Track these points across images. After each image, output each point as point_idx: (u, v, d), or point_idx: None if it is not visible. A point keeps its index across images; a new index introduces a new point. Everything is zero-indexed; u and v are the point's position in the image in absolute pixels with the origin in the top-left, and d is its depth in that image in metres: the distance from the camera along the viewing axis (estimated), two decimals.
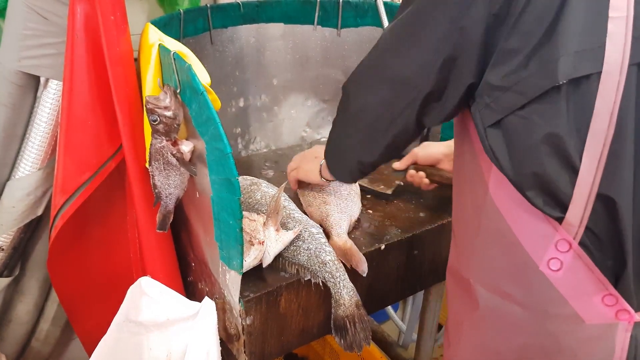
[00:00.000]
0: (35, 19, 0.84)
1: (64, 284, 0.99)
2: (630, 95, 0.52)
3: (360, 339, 0.76)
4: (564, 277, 0.58)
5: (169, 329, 0.80)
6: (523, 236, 0.60)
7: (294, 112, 1.31)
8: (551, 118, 0.54)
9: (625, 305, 0.57)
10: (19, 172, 0.94)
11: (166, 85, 0.74)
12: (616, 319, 0.58)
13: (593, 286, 0.57)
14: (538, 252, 0.59)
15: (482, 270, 0.66)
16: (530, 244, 0.59)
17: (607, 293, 0.57)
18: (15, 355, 1.10)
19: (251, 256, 0.76)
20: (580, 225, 0.55)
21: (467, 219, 0.68)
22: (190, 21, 1.05)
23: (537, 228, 0.58)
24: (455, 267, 0.73)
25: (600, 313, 0.58)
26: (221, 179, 0.67)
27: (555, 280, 0.58)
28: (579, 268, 0.57)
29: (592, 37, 0.51)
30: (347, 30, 1.25)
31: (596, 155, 0.53)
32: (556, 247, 0.57)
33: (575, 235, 0.56)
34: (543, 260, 0.58)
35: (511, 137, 0.57)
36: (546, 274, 0.59)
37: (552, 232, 0.57)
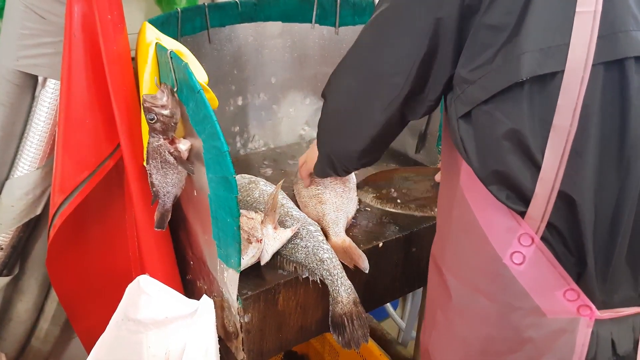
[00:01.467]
0: (33, 18, 0.84)
1: (63, 282, 0.99)
2: (594, 94, 0.51)
3: (358, 337, 0.76)
4: (527, 271, 0.58)
5: (167, 327, 0.81)
6: (489, 229, 0.60)
7: (292, 110, 1.31)
8: (513, 114, 0.54)
9: (586, 301, 0.58)
10: (18, 171, 0.95)
11: (163, 84, 0.74)
12: (578, 314, 0.58)
13: (555, 281, 0.58)
14: (502, 246, 0.59)
15: (453, 261, 0.67)
16: (495, 237, 0.60)
17: (569, 288, 0.57)
18: (15, 354, 1.10)
19: (249, 254, 0.76)
20: (542, 220, 0.56)
21: (444, 209, 0.69)
22: (187, 20, 1.05)
23: (501, 221, 0.59)
24: (434, 252, 0.74)
25: (561, 307, 0.59)
26: (218, 177, 0.68)
27: (518, 273, 0.59)
28: (541, 262, 0.57)
29: (558, 34, 0.51)
30: (345, 28, 1.25)
31: (558, 153, 0.53)
32: (519, 241, 0.58)
33: (537, 229, 0.56)
34: (507, 254, 0.59)
35: (477, 131, 0.58)
36: (509, 267, 0.59)
37: (516, 226, 0.58)
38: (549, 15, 0.51)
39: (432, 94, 0.62)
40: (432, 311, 0.74)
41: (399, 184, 1.03)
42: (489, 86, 0.55)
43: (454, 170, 0.64)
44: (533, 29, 0.52)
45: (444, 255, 0.69)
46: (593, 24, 0.50)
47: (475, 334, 0.65)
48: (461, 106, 0.59)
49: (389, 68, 0.62)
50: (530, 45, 0.52)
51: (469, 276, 0.65)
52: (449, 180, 0.67)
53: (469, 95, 0.57)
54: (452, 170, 0.65)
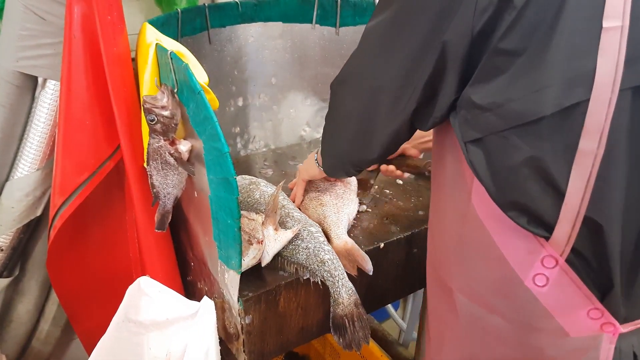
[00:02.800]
0: (33, 19, 0.84)
1: (64, 284, 0.99)
2: (622, 118, 0.49)
3: (359, 338, 0.76)
4: (550, 292, 0.56)
5: (168, 328, 0.80)
6: (508, 251, 0.58)
7: (293, 111, 1.31)
8: (533, 141, 0.52)
9: (610, 318, 0.56)
10: (18, 172, 0.94)
11: (163, 85, 0.74)
12: (601, 331, 0.57)
13: (579, 301, 0.56)
14: (523, 268, 0.57)
15: (464, 280, 0.65)
16: (515, 259, 0.57)
17: (593, 307, 0.56)
18: (15, 355, 1.10)
19: (250, 255, 0.76)
20: (567, 244, 0.54)
21: (447, 226, 0.66)
22: (188, 20, 1.05)
23: (522, 244, 0.56)
24: (437, 269, 0.71)
25: (585, 326, 0.57)
26: (219, 178, 0.67)
27: (541, 295, 0.57)
28: (565, 283, 0.56)
29: (584, 58, 0.48)
30: (345, 29, 1.25)
31: (584, 178, 0.50)
32: (542, 263, 0.56)
33: (562, 252, 0.55)
34: (529, 276, 0.57)
35: (491, 156, 0.55)
36: (531, 289, 0.57)
37: (539, 248, 0.55)
38: (574, 37, 0.48)
39: (438, 112, 0.59)
40: (437, 326, 0.72)
41: None
42: (508, 117, 0.52)
43: (460, 185, 0.61)
44: (558, 55, 0.48)
45: (452, 274, 0.66)
46: (620, 43, 0.47)
47: (488, 354, 0.64)
48: (471, 131, 0.56)
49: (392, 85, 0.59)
50: (555, 76, 0.49)
51: (484, 296, 0.62)
52: (453, 197, 0.63)
53: (482, 122, 0.54)
54: (458, 185, 0.61)
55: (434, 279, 0.72)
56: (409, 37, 0.56)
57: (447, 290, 0.67)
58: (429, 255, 0.74)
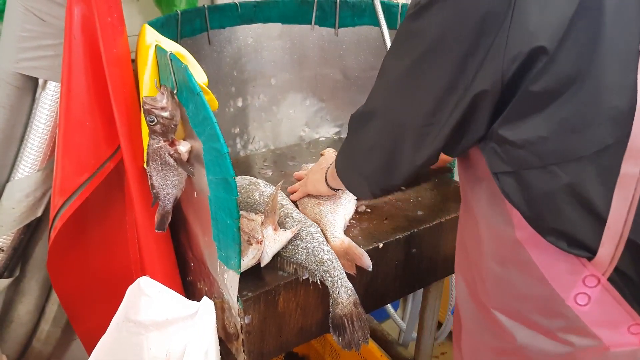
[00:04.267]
0: (33, 20, 0.84)
1: (64, 284, 1.00)
2: None
3: (359, 338, 0.76)
4: (592, 310, 0.57)
5: (168, 328, 0.81)
6: (548, 271, 0.58)
7: (292, 111, 1.31)
8: (572, 171, 0.51)
9: None
10: (18, 173, 0.95)
11: (163, 86, 0.75)
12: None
13: (620, 317, 0.56)
14: (565, 288, 0.57)
15: (504, 300, 0.65)
16: (556, 280, 0.57)
17: (634, 323, 0.56)
18: (16, 355, 1.10)
19: (249, 255, 0.77)
20: (610, 264, 0.54)
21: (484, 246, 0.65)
22: (187, 22, 1.05)
23: (562, 265, 0.57)
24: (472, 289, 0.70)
25: (625, 341, 0.57)
26: (218, 178, 0.68)
27: (582, 313, 0.57)
28: (607, 301, 0.56)
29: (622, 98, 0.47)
30: (344, 29, 1.25)
31: (626, 202, 0.50)
32: (584, 283, 0.56)
33: (604, 272, 0.55)
34: (570, 295, 0.57)
35: (525, 186, 0.55)
36: (573, 307, 0.57)
37: (580, 268, 0.56)
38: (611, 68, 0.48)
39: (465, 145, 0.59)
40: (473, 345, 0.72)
41: None
42: (544, 156, 0.52)
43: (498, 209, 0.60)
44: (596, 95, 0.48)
45: (488, 292, 0.66)
46: None
47: None
48: (502, 164, 0.56)
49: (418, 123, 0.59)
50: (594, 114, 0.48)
51: (524, 314, 0.62)
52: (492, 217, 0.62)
53: (515, 157, 0.54)
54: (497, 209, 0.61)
55: (468, 293, 0.72)
56: (436, 80, 0.56)
57: (483, 307, 0.67)
58: (460, 269, 0.74)
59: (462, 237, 0.73)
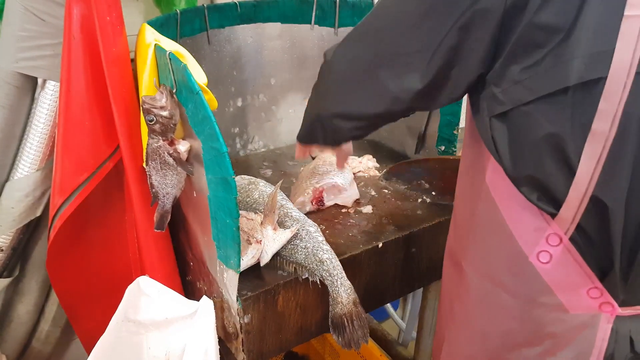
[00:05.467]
0: (32, 20, 0.84)
1: (64, 284, 1.00)
2: (635, 103, 0.50)
3: (358, 337, 0.76)
4: (552, 269, 0.59)
5: (167, 328, 0.81)
6: (516, 227, 0.60)
7: (292, 111, 1.31)
8: (555, 118, 0.53)
9: (609, 298, 0.58)
10: (18, 173, 0.95)
11: (162, 85, 0.75)
12: (599, 310, 0.59)
13: (580, 279, 0.58)
14: (529, 244, 0.59)
15: (475, 257, 0.67)
16: (522, 236, 0.60)
17: (593, 286, 0.58)
18: (15, 355, 1.10)
19: (249, 255, 0.77)
20: (572, 222, 0.56)
21: (463, 204, 0.69)
22: (187, 21, 1.05)
23: (529, 221, 0.59)
24: (452, 247, 0.74)
25: (584, 304, 0.59)
26: (218, 178, 0.68)
27: (544, 271, 0.59)
28: (568, 262, 0.58)
29: (606, 38, 0.49)
30: (344, 29, 1.25)
31: (594, 158, 0.52)
32: (547, 241, 0.58)
33: (566, 230, 0.57)
34: (533, 252, 0.59)
35: (513, 132, 0.57)
36: (535, 265, 0.59)
37: (544, 226, 0.58)
38: (599, 18, 0.50)
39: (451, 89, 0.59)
40: (448, 305, 0.75)
41: (427, 175, 1.05)
42: (535, 88, 0.53)
43: (478, 166, 0.64)
44: (584, 32, 0.50)
45: (465, 250, 0.69)
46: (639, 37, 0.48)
47: (496, 328, 0.66)
48: (497, 105, 0.57)
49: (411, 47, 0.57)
50: (580, 50, 0.50)
51: (492, 272, 0.65)
52: (472, 175, 0.66)
53: (511, 94, 0.55)
54: (477, 165, 0.64)
55: (449, 256, 0.75)
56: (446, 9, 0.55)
57: (459, 267, 0.70)
58: (449, 234, 0.77)
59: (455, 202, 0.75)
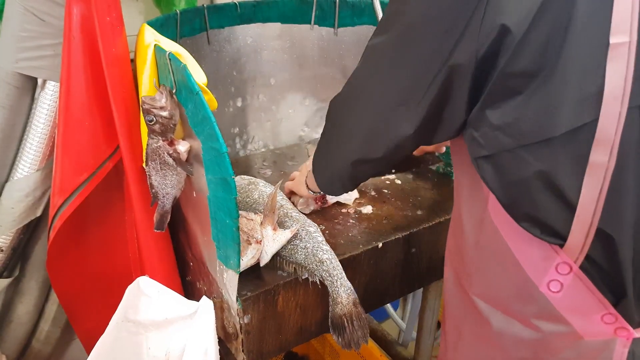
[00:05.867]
0: (32, 20, 0.84)
1: (64, 284, 1.00)
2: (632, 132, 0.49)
3: (358, 337, 0.76)
4: (564, 298, 0.57)
5: (167, 328, 0.81)
6: (523, 258, 0.58)
7: (292, 111, 1.31)
8: (543, 156, 0.52)
9: (624, 323, 0.56)
10: (18, 173, 0.95)
11: (162, 86, 0.75)
12: (615, 335, 0.57)
13: (593, 306, 0.56)
14: (538, 274, 0.58)
15: (482, 285, 0.66)
16: (530, 266, 0.58)
17: (607, 312, 0.56)
18: (15, 355, 1.10)
19: (249, 255, 0.76)
20: (580, 253, 0.54)
21: (465, 232, 0.67)
22: (186, 22, 1.05)
23: (536, 251, 0.57)
24: (457, 274, 0.72)
25: (599, 330, 0.58)
26: (217, 178, 0.68)
27: (555, 300, 0.58)
28: (580, 289, 0.56)
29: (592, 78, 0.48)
30: (344, 29, 1.25)
31: (595, 190, 0.51)
32: (557, 270, 0.56)
33: (575, 259, 0.55)
34: (543, 282, 0.57)
35: (501, 171, 0.56)
36: (546, 294, 0.58)
37: (553, 255, 0.56)
38: (582, 58, 0.48)
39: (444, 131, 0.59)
40: (454, 328, 0.73)
41: None
42: (518, 136, 0.52)
43: (478, 194, 0.62)
44: (568, 73, 0.49)
45: (470, 278, 0.67)
46: (629, 59, 0.46)
47: (508, 356, 0.64)
48: (479, 149, 0.56)
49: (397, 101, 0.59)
50: (566, 95, 0.49)
51: (501, 300, 0.63)
52: (472, 203, 0.64)
53: (492, 140, 0.54)
54: (476, 194, 0.62)
55: (453, 281, 0.73)
56: (416, 56, 0.56)
57: (465, 293, 0.68)
58: (449, 257, 0.75)
59: (452, 222, 0.74)
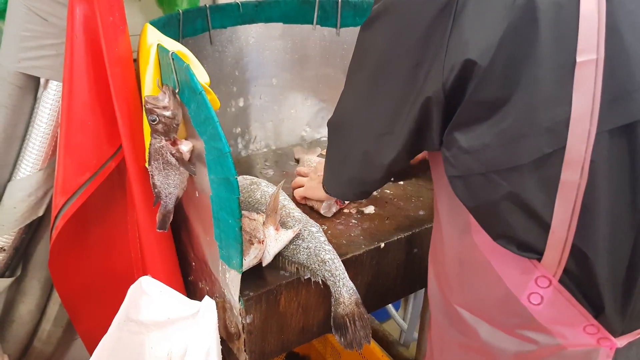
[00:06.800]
0: (35, 20, 0.84)
1: (66, 284, 1.00)
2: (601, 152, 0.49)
3: (361, 337, 0.76)
4: (545, 310, 0.57)
5: (169, 328, 0.81)
6: (503, 271, 0.59)
7: (293, 111, 1.31)
8: (513, 180, 0.53)
9: (606, 334, 0.57)
10: (20, 173, 0.95)
11: (165, 85, 0.75)
12: (598, 345, 0.58)
13: (574, 318, 0.57)
14: (518, 287, 0.58)
15: (464, 297, 0.66)
16: (510, 280, 0.59)
17: (589, 324, 0.56)
18: (17, 355, 1.10)
19: (251, 255, 0.76)
20: (558, 267, 0.55)
21: (446, 245, 0.68)
22: (189, 21, 1.05)
23: (515, 265, 0.58)
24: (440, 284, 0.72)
25: (581, 340, 0.58)
26: (220, 178, 0.68)
27: (537, 312, 0.58)
28: (560, 302, 0.56)
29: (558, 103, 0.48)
30: (346, 29, 1.25)
31: (568, 208, 0.51)
32: (536, 283, 0.57)
33: (554, 274, 0.55)
34: (524, 295, 0.58)
35: (473, 191, 0.57)
36: (527, 307, 0.58)
37: (532, 269, 0.57)
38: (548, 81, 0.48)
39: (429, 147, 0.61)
40: (439, 337, 0.74)
41: None
42: (486, 163, 0.53)
43: (457, 210, 0.62)
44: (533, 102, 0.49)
45: (452, 289, 0.68)
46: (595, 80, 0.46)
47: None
48: (451, 169, 0.57)
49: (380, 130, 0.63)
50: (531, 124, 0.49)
51: (485, 311, 0.64)
52: (452, 217, 0.65)
53: (461, 162, 0.56)
54: (455, 210, 0.63)
55: (437, 290, 0.73)
56: (391, 89, 0.59)
57: (448, 302, 0.69)
58: (432, 267, 0.75)
59: (433, 234, 0.75)
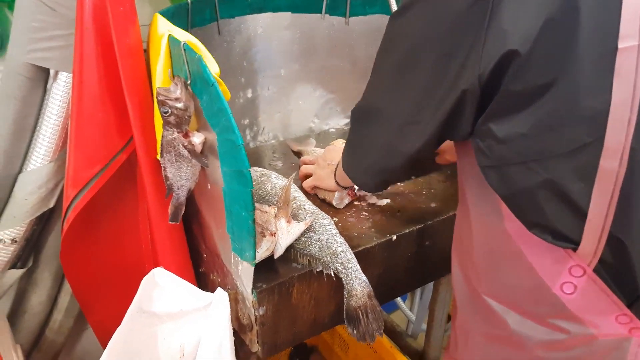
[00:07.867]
0: (44, 10, 0.83)
1: (77, 275, 1.00)
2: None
3: (373, 329, 0.76)
4: (578, 299, 0.57)
5: (182, 319, 0.81)
6: (536, 260, 0.59)
7: (302, 102, 1.30)
8: (550, 167, 0.52)
9: (638, 323, 0.56)
10: (31, 164, 0.95)
11: (177, 77, 0.74)
12: (629, 334, 0.57)
13: (607, 307, 0.56)
14: (551, 276, 0.58)
15: (494, 287, 0.66)
16: (543, 269, 0.58)
17: (621, 313, 0.56)
18: (29, 345, 1.12)
19: (263, 247, 0.76)
20: (594, 257, 0.54)
21: (475, 235, 0.67)
22: (197, 11, 1.04)
23: (549, 254, 0.57)
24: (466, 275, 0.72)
25: (613, 330, 0.58)
26: (233, 170, 0.67)
27: (569, 301, 0.58)
28: (594, 291, 0.56)
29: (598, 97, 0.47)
30: (355, 18, 1.24)
31: (607, 196, 0.50)
32: (570, 272, 0.56)
33: (589, 263, 0.55)
34: (557, 284, 0.58)
35: (508, 180, 0.56)
36: (559, 296, 0.58)
37: (566, 258, 0.56)
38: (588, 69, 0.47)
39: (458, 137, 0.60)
40: (465, 328, 0.73)
41: None
42: (523, 153, 0.53)
43: (487, 199, 0.62)
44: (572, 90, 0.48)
45: (480, 278, 0.67)
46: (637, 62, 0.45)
47: (521, 355, 0.65)
48: (485, 159, 0.57)
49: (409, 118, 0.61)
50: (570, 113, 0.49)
51: (514, 300, 0.63)
52: (481, 207, 0.64)
53: (496, 153, 0.55)
54: (485, 198, 0.62)
55: (462, 280, 0.73)
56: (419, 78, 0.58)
57: (475, 292, 0.68)
58: (456, 256, 0.75)
59: (458, 223, 0.74)
